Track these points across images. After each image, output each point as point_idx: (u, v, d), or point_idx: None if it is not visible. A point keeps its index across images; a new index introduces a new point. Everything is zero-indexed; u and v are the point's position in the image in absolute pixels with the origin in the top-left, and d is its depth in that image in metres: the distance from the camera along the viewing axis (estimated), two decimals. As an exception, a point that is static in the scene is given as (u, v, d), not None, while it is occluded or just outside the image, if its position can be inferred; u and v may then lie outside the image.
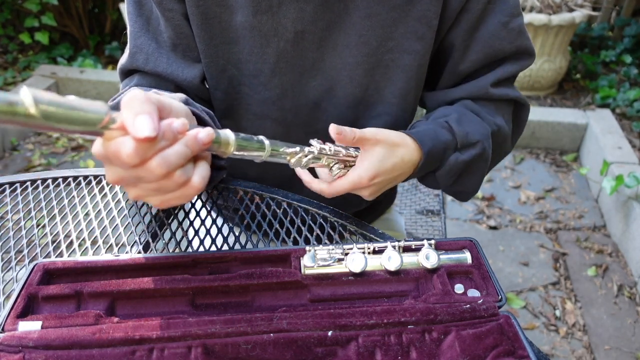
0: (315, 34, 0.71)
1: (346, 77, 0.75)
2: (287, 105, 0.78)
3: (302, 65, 0.74)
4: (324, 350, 0.51)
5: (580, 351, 1.74)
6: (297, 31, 0.71)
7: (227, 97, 0.78)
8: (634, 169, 2.27)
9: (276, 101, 0.77)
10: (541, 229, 2.28)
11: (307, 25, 0.70)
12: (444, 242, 0.63)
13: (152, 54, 0.74)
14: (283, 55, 0.73)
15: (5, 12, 3.25)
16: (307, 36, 0.71)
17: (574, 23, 2.91)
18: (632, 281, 2.01)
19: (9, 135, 2.72)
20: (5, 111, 0.36)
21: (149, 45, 0.74)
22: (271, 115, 0.79)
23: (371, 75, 0.75)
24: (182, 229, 0.74)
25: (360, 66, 0.74)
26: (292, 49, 0.72)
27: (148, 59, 0.74)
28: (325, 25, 0.71)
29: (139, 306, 0.56)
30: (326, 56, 0.74)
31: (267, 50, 0.73)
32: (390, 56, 0.74)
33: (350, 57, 0.73)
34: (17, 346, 0.49)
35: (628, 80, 3.19)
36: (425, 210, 1.45)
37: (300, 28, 0.71)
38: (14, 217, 0.74)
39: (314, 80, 0.76)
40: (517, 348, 0.51)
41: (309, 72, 0.75)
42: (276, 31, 0.71)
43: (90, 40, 3.47)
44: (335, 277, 0.58)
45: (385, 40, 0.73)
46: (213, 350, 0.50)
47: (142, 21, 0.74)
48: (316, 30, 0.71)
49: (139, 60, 0.74)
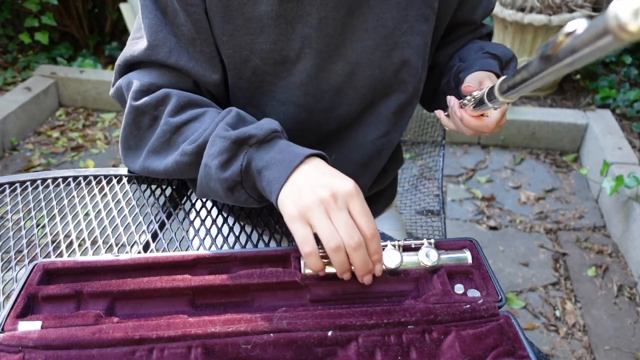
0: (337, 20, 0.74)
1: (366, 60, 0.78)
2: (310, 90, 0.79)
3: (325, 51, 0.76)
4: (324, 350, 0.51)
5: (580, 351, 1.74)
6: (320, 17, 0.73)
7: (250, 86, 0.79)
8: (634, 169, 2.27)
9: (300, 86, 0.79)
10: (541, 229, 2.28)
11: (330, 12, 0.73)
12: (444, 242, 0.63)
13: (174, 47, 0.72)
14: (307, 42, 0.75)
15: (5, 12, 3.25)
16: (330, 22, 0.74)
17: (574, 23, 2.90)
18: (632, 281, 2.01)
19: (9, 135, 2.72)
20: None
21: (170, 39, 0.73)
22: (294, 101, 0.80)
23: (389, 57, 0.78)
24: (182, 229, 0.74)
25: (379, 49, 0.77)
26: (316, 35, 0.74)
27: (171, 53, 0.72)
28: (347, 10, 0.74)
29: (139, 306, 0.56)
30: (347, 41, 0.76)
31: (293, 37, 0.74)
32: (405, 38, 0.78)
33: (369, 40, 0.77)
34: (17, 346, 0.49)
35: (628, 81, 3.19)
36: (425, 211, 1.45)
37: (324, 14, 0.73)
38: (13, 217, 0.74)
39: (336, 65, 0.78)
40: (517, 348, 0.51)
41: (332, 58, 0.77)
42: (301, 18, 0.73)
43: (90, 40, 3.47)
44: (336, 276, 0.58)
45: (400, 23, 0.77)
46: (213, 350, 0.50)
47: (160, 15, 0.73)
48: (338, 15, 0.74)
49: (161, 53, 0.72)
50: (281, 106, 0.81)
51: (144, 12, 0.72)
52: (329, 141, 0.87)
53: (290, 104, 0.80)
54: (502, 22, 3.02)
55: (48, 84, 3.02)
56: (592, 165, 2.55)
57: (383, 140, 0.86)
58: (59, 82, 3.07)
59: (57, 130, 2.90)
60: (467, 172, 2.63)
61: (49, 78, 3.06)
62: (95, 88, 3.05)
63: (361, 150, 0.87)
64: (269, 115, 0.81)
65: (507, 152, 2.80)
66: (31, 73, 3.15)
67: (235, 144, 0.64)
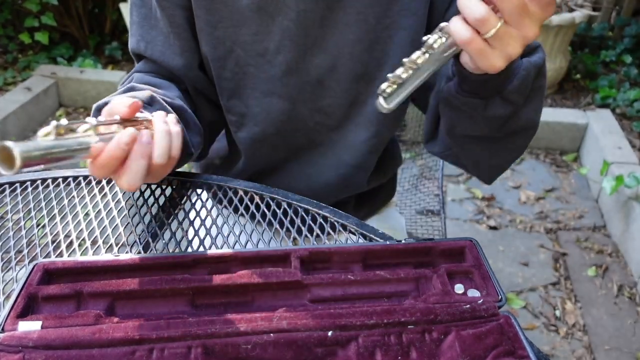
0: (317, 13, 0.75)
1: (347, 54, 0.78)
2: (291, 82, 0.81)
3: (305, 44, 0.78)
4: (324, 350, 0.51)
5: (580, 351, 1.74)
6: (299, 10, 0.74)
7: (234, 77, 0.82)
8: (634, 169, 2.27)
9: (281, 78, 0.80)
10: (541, 229, 2.28)
11: (309, 4, 0.74)
12: (444, 242, 0.63)
13: (151, 41, 0.81)
14: (287, 34, 0.76)
15: (5, 12, 3.25)
16: (310, 15, 0.75)
17: (574, 23, 2.91)
18: (632, 281, 2.01)
19: (9, 135, 2.72)
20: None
21: (149, 33, 0.81)
22: (277, 92, 0.82)
23: (371, 51, 0.78)
24: (182, 229, 0.74)
25: (360, 43, 0.77)
26: (295, 27, 0.76)
27: (147, 46, 0.81)
28: (326, 3, 0.75)
29: (139, 306, 0.56)
30: (328, 34, 0.77)
31: (272, 29, 0.76)
32: (388, 33, 0.77)
33: (350, 34, 0.77)
34: (17, 346, 0.49)
35: (628, 80, 3.19)
36: (425, 210, 1.45)
37: (303, 7, 0.74)
38: (14, 217, 0.74)
39: (316, 57, 0.79)
40: (517, 348, 0.51)
41: (312, 50, 0.78)
42: (280, 10, 0.75)
43: (90, 40, 3.47)
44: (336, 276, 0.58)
45: (382, 18, 0.76)
46: (213, 350, 0.50)
47: (145, 11, 0.81)
48: (317, 8, 0.75)
49: (141, 47, 0.82)
50: (264, 97, 0.83)
51: (132, 10, 0.83)
52: (320, 143, 0.88)
53: (273, 95, 0.83)
54: (502, 21, 3.01)
55: (48, 84, 3.02)
56: (592, 165, 2.55)
57: (374, 141, 0.87)
58: (59, 82, 3.07)
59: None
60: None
61: (49, 78, 3.06)
62: (96, 88, 3.05)
63: (353, 152, 0.88)
64: (253, 107, 0.84)
65: (507, 151, 2.80)
66: (31, 73, 3.15)
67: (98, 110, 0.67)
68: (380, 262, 0.62)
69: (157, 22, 0.80)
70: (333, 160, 0.89)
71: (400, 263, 0.62)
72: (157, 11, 0.79)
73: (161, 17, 0.79)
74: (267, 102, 0.83)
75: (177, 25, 0.79)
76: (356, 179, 0.92)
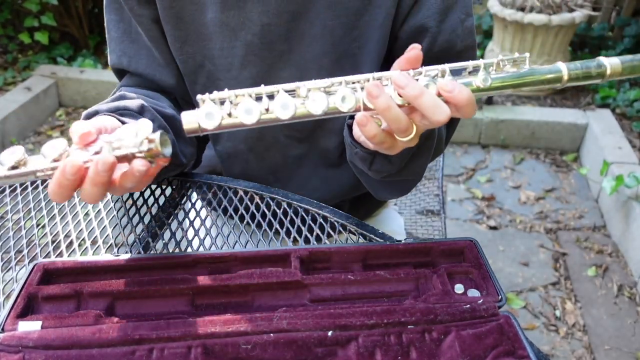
0: (281, 26, 0.73)
1: (315, 67, 0.77)
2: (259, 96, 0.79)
3: (270, 57, 0.76)
4: (324, 350, 0.51)
5: (580, 351, 1.74)
6: (263, 24, 0.73)
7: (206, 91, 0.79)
8: (634, 169, 2.27)
9: None
10: (541, 229, 2.28)
11: (273, 18, 0.72)
12: (444, 242, 0.63)
13: (134, 56, 0.80)
14: (251, 48, 0.75)
15: (5, 12, 3.25)
16: (274, 28, 0.73)
17: (574, 23, 2.91)
18: (632, 281, 2.01)
19: (9, 135, 2.72)
20: None
21: (131, 48, 0.80)
22: None
23: (339, 64, 0.77)
24: (182, 229, 0.74)
25: (328, 56, 0.76)
26: (260, 42, 0.75)
27: (131, 61, 0.81)
28: (290, 16, 0.73)
29: (139, 306, 0.56)
30: (294, 47, 0.76)
31: (236, 44, 0.75)
32: (356, 44, 0.75)
33: (317, 47, 0.75)
34: (17, 346, 0.49)
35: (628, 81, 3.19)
36: (425, 210, 1.45)
37: (266, 21, 0.73)
38: (14, 217, 0.74)
39: (283, 71, 0.77)
40: (517, 348, 0.51)
41: (278, 64, 0.77)
42: (243, 25, 0.73)
43: (90, 40, 3.47)
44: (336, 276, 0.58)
45: (350, 29, 0.74)
46: (213, 350, 0.50)
47: (124, 26, 0.80)
48: (281, 22, 0.73)
49: (124, 62, 0.81)
50: None
51: (109, 26, 0.81)
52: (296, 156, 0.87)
53: None
54: (502, 21, 3.01)
55: (48, 84, 3.02)
56: (592, 165, 2.55)
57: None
58: (59, 82, 3.07)
59: (57, 130, 2.90)
60: (467, 171, 2.63)
61: (49, 78, 3.06)
62: (95, 88, 3.05)
63: (330, 156, 0.87)
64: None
65: (507, 151, 2.80)
66: (31, 73, 3.15)
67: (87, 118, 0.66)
68: (380, 262, 0.62)
69: (138, 36, 0.79)
70: (310, 169, 0.88)
71: (400, 263, 0.62)
72: (136, 25, 0.78)
73: (142, 31, 0.78)
74: None
75: (155, 39, 0.78)
76: (343, 180, 0.91)
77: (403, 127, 0.52)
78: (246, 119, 0.50)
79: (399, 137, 0.54)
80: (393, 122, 0.51)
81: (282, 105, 0.51)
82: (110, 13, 0.80)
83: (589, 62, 0.53)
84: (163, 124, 0.73)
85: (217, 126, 0.50)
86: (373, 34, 0.75)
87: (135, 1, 0.74)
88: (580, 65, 0.53)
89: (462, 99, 0.51)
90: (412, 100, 0.50)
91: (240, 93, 0.51)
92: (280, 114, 0.50)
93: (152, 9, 0.75)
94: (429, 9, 0.72)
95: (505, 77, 0.53)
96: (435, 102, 0.50)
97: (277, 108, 0.51)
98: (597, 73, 0.53)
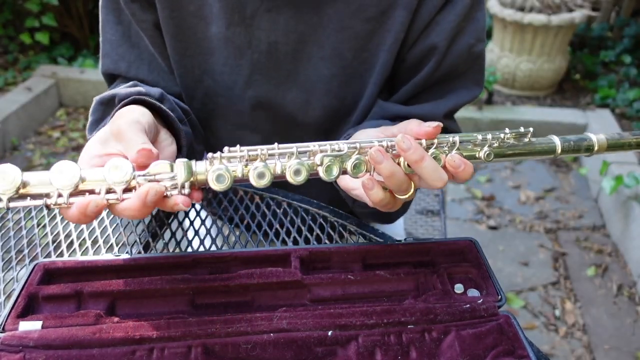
0: (288, 46, 0.71)
1: (322, 89, 0.75)
2: (263, 116, 0.77)
3: (276, 77, 0.74)
4: (324, 350, 0.51)
5: (580, 351, 1.74)
6: (270, 43, 0.71)
7: (204, 108, 0.78)
8: (634, 169, 2.27)
9: (251, 112, 0.77)
10: (541, 228, 2.28)
11: (280, 37, 0.70)
12: (444, 242, 0.63)
13: (134, 62, 0.75)
14: (257, 67, 0.73)
15: (6, 13, 3.25)
16: (281, 48, 0.71)
17: (574, 23, 2.91)
18: (631, 281, 2.01)
19: (10, 135, 2.73)
20: None
21: (130, 53, 0.74)
22: (249, 126, 0.79)
23: (348, 86, 0.75)
24: (182, 229, 0.74)
25: (336, 78, 0.74)
26: (266, 61, 0.72)
27: (130, 67, 0.74)
28: (298, 37, 0.70)
29: (139, 306, 0.56)
30: (301, 68, 0.73)
31: (241, 62, 0.72)
32: (365, 67, 0.74)
33: (325, 70, 0.73)
34: (18, 346, 0.50)
35: (627, 81, 3.19)
36: (425, 210, 1.45)
37: (274, 39, 0.70)
38: (14, 217, 0.75)
39: (289, 92, 0.75)
40: (517, 348, 0.51)
41: (284, 84, 0.74)
42: (250, 43, 0.71)
43: (91, 40, 3.47)
44: (336, 276, 0.58)
45: (359, 52, 0.72)
46: (213, 350, 0.50)
47: (122, 29, 0.74)
48: (289, 42, 0.71)
49: (122, 67, 0.75)
50: (236, 130, 0.80)
51: (105, 27, 0.74)
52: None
53: (245, 128, 0.79)
54: (502, 21, 3.02)
55: (49, 84, 3.02)
56: (591, 165, 2.55)
57: None
58: (59, 82, 3.08)
59: (58, 130, 2.91)
60: (467, 171, 2.63)
61: (50, 78, 3.06)
62: (96, 88, 3.05)
63: None
64: (224, 139, 0.80)
65: (507, 151, 2.80)
66: (32, 73, 3.15)
67: (101, 104, 0.64)
68: (380, 262, 0.62)
69: (139, 40, 0.74)
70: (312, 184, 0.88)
71: (400, 263, 0.62)
72: (138, 30, 0.74)
73: (143, 37, 0.74)
74: (238, 135, 0.80)
75: (159, 46, 0.74)
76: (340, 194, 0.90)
77: (404, 188, 0.54)
78: (257, 183, 0.50)
79: (398, 196, 0.55)
80: (395, 185, 0.53)
81: (294, 172, 0.51)
82: (108, 13, 0.74)
83: (581, 137, 0.61)
84: (181, 115, 0.69)
85: (225, 188, 0.50)
86: (380, 57, 0.73)
87: (137, 6, 0.70)
88: (573, 143, 0.61)
89: (466, 176, 0.53)
90: (412, 164, 0.51)
91: (254, 153, 0.50)
92: (291, 180, 0.51)
93: (155, 15, 0.71)
94: (439, 35, 0.70)
95: (507, 150, 0.56)
96: (435, 169, 0.52)
97: (290, 175, 0.51)
98: (586, 147, 0.60)
